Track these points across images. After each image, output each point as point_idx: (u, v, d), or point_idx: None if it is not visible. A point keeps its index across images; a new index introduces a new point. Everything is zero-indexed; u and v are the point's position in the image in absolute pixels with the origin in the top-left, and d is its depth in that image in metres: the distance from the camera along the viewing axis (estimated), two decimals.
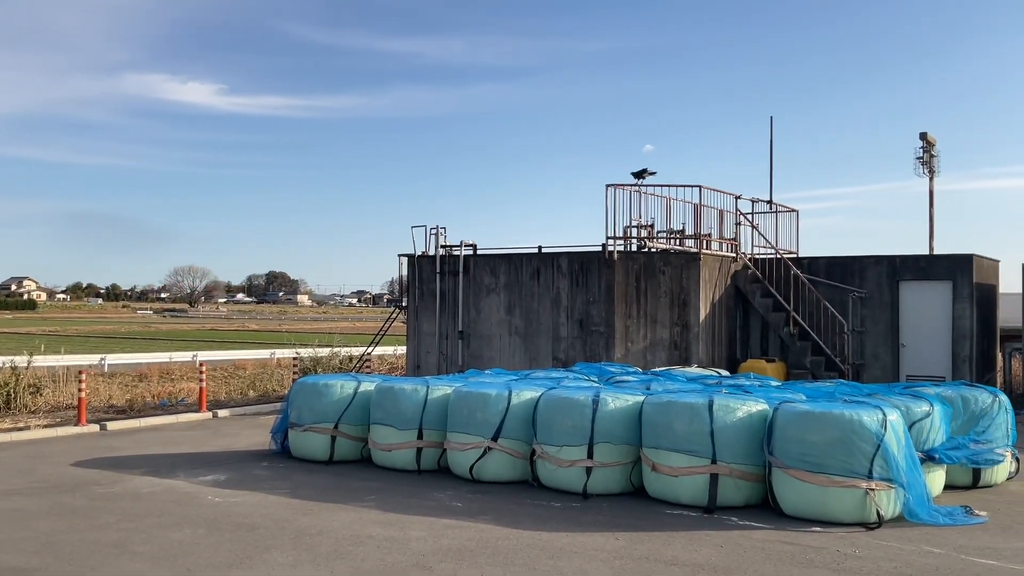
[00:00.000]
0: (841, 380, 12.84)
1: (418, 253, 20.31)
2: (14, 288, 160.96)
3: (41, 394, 16.93)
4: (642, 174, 18.26)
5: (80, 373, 15.25)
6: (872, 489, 8.24)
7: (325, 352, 22.83)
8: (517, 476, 10.17)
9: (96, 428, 14.39)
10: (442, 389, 10.99)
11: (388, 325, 21.92)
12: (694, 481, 8.93)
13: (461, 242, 19.81)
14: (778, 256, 18.78)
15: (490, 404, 10.26)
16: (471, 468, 10.20)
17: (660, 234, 18.10)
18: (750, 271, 18.59)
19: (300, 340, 31.31)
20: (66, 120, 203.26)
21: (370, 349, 22.42)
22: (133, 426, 14.87)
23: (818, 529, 8.14)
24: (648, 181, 18.40)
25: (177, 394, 19.26)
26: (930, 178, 29.39)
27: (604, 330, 17.75)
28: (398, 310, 21.32)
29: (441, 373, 18.89)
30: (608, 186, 17.29)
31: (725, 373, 14.02)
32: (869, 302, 17.99)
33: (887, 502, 8.31)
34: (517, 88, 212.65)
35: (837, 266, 18.43)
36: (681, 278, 17.23)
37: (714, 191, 18.34)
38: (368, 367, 21.71)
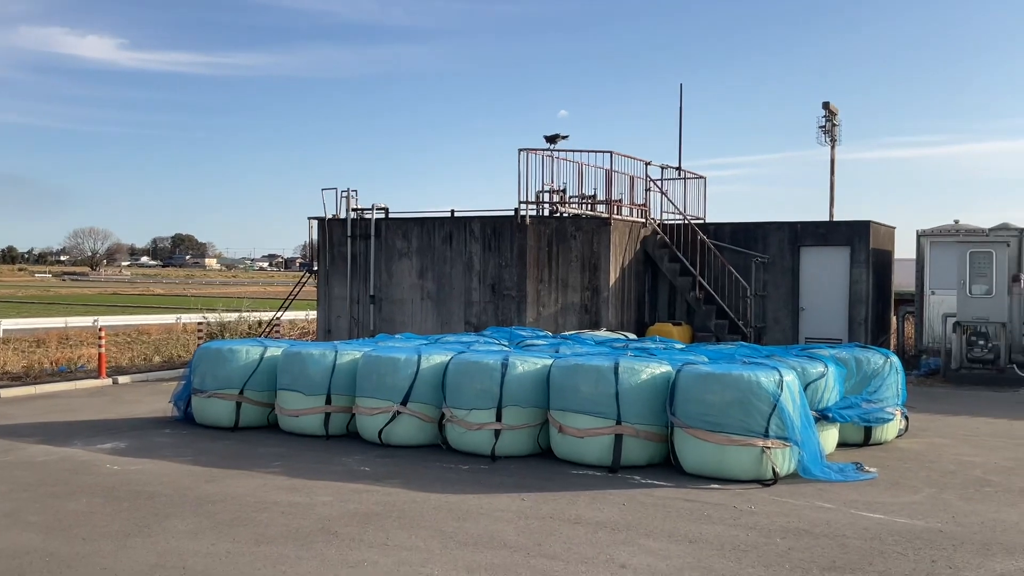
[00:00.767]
0: (742, 343, 13.21)
1: (329, 216, 20.01)
2: None
3: None
4: (555, 138, 18.31)
5: None
6: (768, 447, 8.53)
7: (233, 317, 22.39)
8: (426, 440, 10.18)
9: None
10: (351, 354, 10.89)
11: (298, 289, 21.58)
12: (599, 442, 9.09)
13: (373, 205, 19.59)
14: (686, 222, 19.14)
15: (399, 368, 10.22)
16: (380, 433, 10.17)
17: (572, 199, 18.21)
18: (659, 236, 18.90)
19: (207, 305, 30.57)
20: None
21: (279, 314, 22.06)
22: (28, 393, 14.33)
23: (717, 486, 8.39)
24: (561, 146, 18.46)
25: (77, 360, 18.61)
26: (832, 147, 30.29)
27: (516, 294, 17.84)
28: (308, 274, 21.01)
29: (352, 338, 18.73)
30: (521, 150, 17.30)
31: (633, 336, 14.27)
32: (771, 267, 18.51)
33: (782, 460, 8.61)
34: (430, 50, 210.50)
35: (741, 232, 18.89)
36: (592, 243, 17.40)
37: (625, 157, 18.55)
38: (277, 332, 21.36)
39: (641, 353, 10.36)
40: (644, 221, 18.90)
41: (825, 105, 30.39)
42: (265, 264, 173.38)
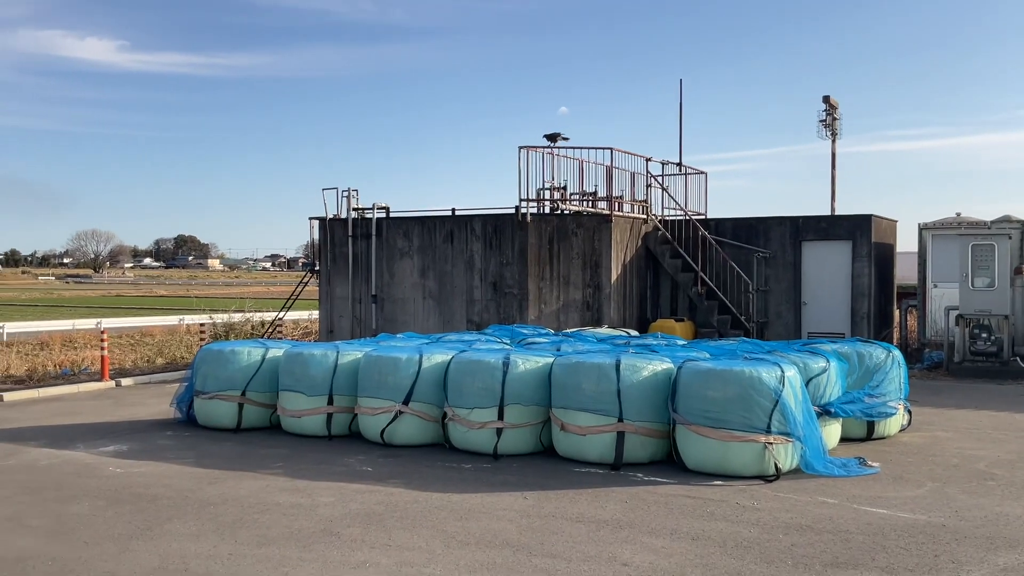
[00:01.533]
0: (744, 338, 13.20)
1: (330, 216, 20.01)
2: None
3: None
4: (555, 137, 18.30)
5: None
6: (771, 443, 8.51)
7: (238, 318, 22.49)
8: (429, 439, 10.18)
9: None
10: (352, 354, 10.89)
11: (300, 289, 21.59)
12: (601, 439, 9.08)
13: (374, 205, 19.59)
14: (687, 218, 19.11)
15: (401, 368, 10.22)
16: (382, 432, 10.16)
17: (573, 196, 18.19)
18: (660, 232, 18.88)
19: (210, 305, 30.60)
20: None
21: (281, 314, 22.07)
22: (31, 396, 14.35)
23: (719, 483, 8.38)
24: (561, 143, 18.45)
25: (80, 363, 18.65)
26: (832, 140, 30.25)
27: (518, 292, 17.83)
28: (310, 274, 21.01)
29: (355, 337, 18.73)
30: (521, 148, 17.29)
31: (635, 333, 14.25)
32: (773, 262, 18.49)
33: (785, 455, 8.60)
34: (429, 48, 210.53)
35: (743, 227, 18.86)
36: (593, 240, 17.38)
37: (626, 153, 18.53)
38: (280, 332, 21.38)
39: (643, 350, 10.35)
40: (645, 217, 18.88)
41: (825, 99, 30.35)
42: (268, 264, 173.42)
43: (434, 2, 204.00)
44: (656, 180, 19.62)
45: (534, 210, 17.80)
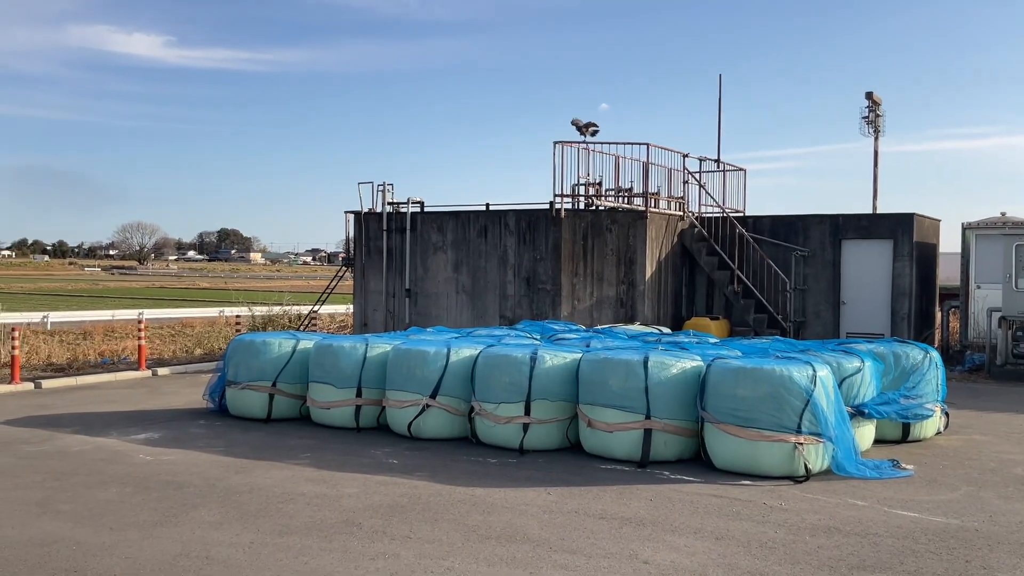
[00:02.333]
0: (779, 337, 13.00)
1: (365, 210, 20.09)
2: None
3: None
4: (586, 128, 18.15)
5: (14, 330, 14.89)
6: (801, 443, 8.36)
7: (277, 310, 22.76)
8: (456, 433, 10.16)
9: (31, 386, 14.10)
10: (381, 347, 10.91)
11: (335, 283, 21.71)
12: (628, 436, 8.99)
13: (408, 199, 19.62)
14: (724, 215, 18.88)
15: (429, 361, 10.21)
16: (409, 425, 10.17)
17: (608, 192, 18.07)
18: (696, 229, 18.68)
19: (248, 298, 30.94)
20: (8, 72, 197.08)
21: (316, 307, 22.22)
22: (69, 384, 14.59)
23: (747, 482, 8.26)
24: (597, 139, 18.31)
25: (120, 352, 18.94)
26: (875, 138, 29.72)
27: (551, 288, 17.76)
28: (345, 268, 21.12)
29: (388, 331, 18.79)
30: (556, 143, 17.18)
31: (666, 330, 14.12)
32: (812, 260, 18.21)
33: (815, 456, 8.44)
34: (470, 44, 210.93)
35: (781, 225, 18.59)
36: (628, 236, 17.25)
37: (662, 149, 18.34)
38: (315, 325, 21.53)
39: (672, 347, 10.23)
40: (681, 214, 18.69)
41: (868, 95, 29.80)
42: (309, 258, 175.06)
43: None
44: (693, 176, 19.42)
45: (568, 205, 17.70)
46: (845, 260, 18.05)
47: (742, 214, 19.90)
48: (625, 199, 18.08)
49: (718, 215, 19.06)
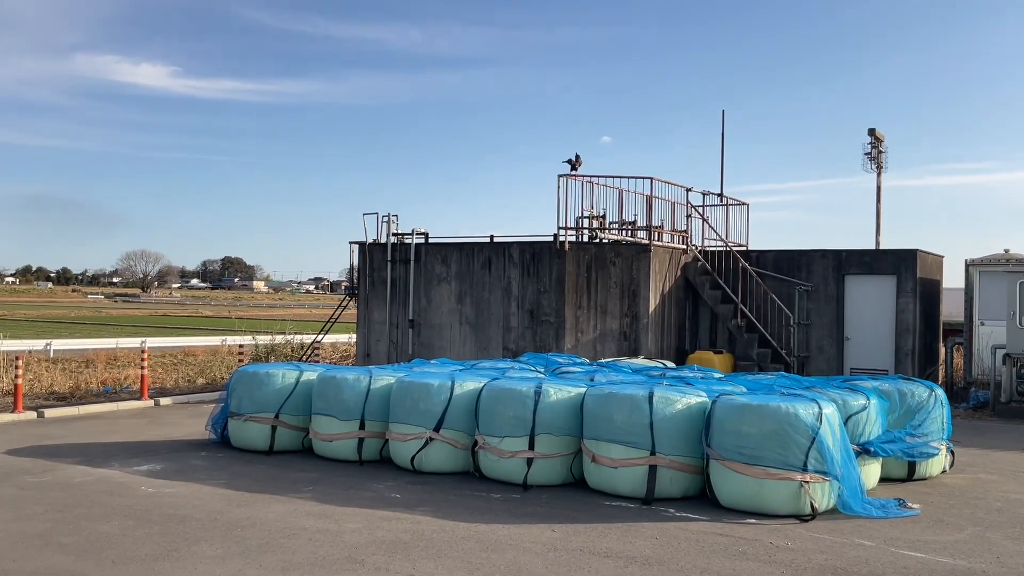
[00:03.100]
0: (783, 373, 12.96)
1: (369, 241, 20.15)
2: None
3: None
4: (575, 163, 18.27)
5: (17, 359, 14.88)
6: (807, 481, 8.32)
7: (280, 339, 22.76)
8: (459, 467, 10.12)
9: (33, 415, 14.08)
10: (385, 379, 10.89)
11: (339, 313, 21.72)
12: (633, 472, 8.94)
13: (413, 230, 19.69)
14: (727, 249, 18.92)
15: (432, 394, 10.19)
16: (413, 459, 10.12)
17: (612, 225, 18.12)
18: (700, 263, 18.71)
19: (251, 327, 30.95)
20: (15, 101, 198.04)
21: (320, 337, 22.21)
22: (71, 414, 14.56)
23: (753, 521, 8.20)
24: (601, 172, 18.41)
25: (122, 381, 18.92)
26: (878, 173, 29.81)
27: (555, 320, 17.76)
28: (349, 298, 21.14)
29: (391, 362, 18.77)
30: (560, 176, 17.30)
31: (671, 364, 14.08)
32: (815, 295, 18.20)
33: (821, 494, 8.39)
34: (475, 78, 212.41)
35: (784, 259, 18.61)
36: (632, 269, 17.27)
37: (666, 183, 18.42)
38: (317, 355, 21.51)
39: (677, 382, 10.20)
40: (685, 248, 18.73)
41: (871, 131, 29.96)
42: (312, 287, 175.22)
43: (479, 33, 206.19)
44: (696, 210, 19.48)
45: (572, 238, 17.76)
46: (848, 295, 18.04)
47: (745, 248, 19.93)
48: (629, 232, 18.14)
49: (721, 249, 19.10)
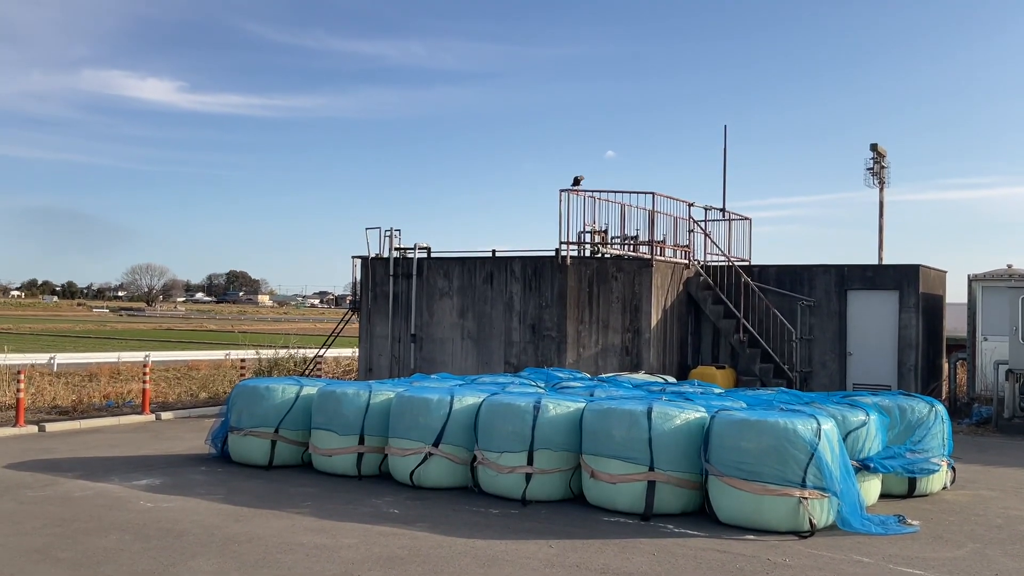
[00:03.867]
0: (783, 388, 12.94)
1: (372, 255, 20.19)
2: None
3: None
4: (578, 181, 18.33)
5: (19, 373, 14.92)
6: (805, 497, 8.29)
7: (283, 353, 22.78)
8: (458, 482, 10.11)
9: (35, 429, 14.10)
10: (384, 394, 10.90)
11: (341, 327, 21.73)
12: (632, 488, 8.93)
13: (415, 245, 19.73)
14: (730, 264, 18.92)
15: (432, 409, 10.19)
16: (412, 474, 10.12)
17: (614, 240, 18.15)
18: (702, 278, 18.71)
19: (255, 341, 30.99)
20: (22, 115, 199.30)
21: (322, 351, 22.23)
22: (73, 428, 14.58)
23: (752, 537, 8.17)
24: (603, 187, 18.45)
25: (125, 395, 18.93)
26: (880, 189, 29.83)
27: (556, 335, 17.76)
28: (351, 312, 21.16)
29: (393, 376, 18.77)
30: (562, 191, 17.33)
31: (671, 380, 14.07)
32: (817, 310, 18.19)
33: (820, 511, 8.37)
34: (478, 92, 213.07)
35: (787, 274, 18.61)
36: (633, 284, 17.28)
37: (668, 198, 18.46)
38: (319, 370, 21.52)
39: (676, 398, 10.19)
40: (687, 262, 18.74)
41: (873, 147, 29.98)
42: (316, 301, 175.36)
43: (483, 48, 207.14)
44: (699, 225, 19.50)
45: (574, 253, 17.78)
46: (851, 311, 18.02)
47: (748, 263, 19.94)
48: (631, 247, 18.16)
49: (723, 264, 19.11)
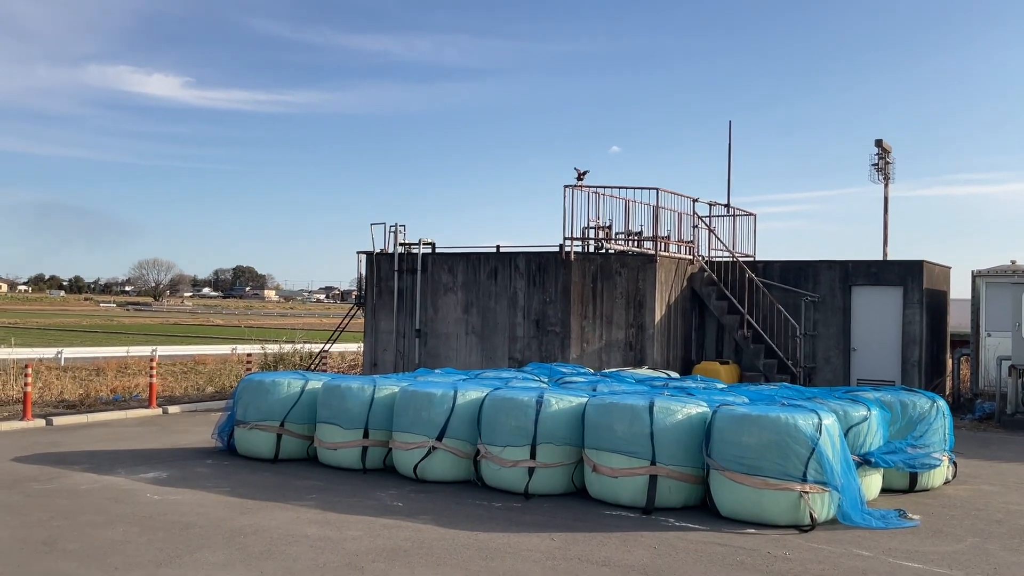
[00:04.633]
0: (786, 384, 12.98)
1: (377, 250, 20.26)
2: None
3: None
4: (582, 175, 18.34)
5: (27, 367, 15.02)
6: (806, 492, 8.35)
7: (288, 348, 22.91)
8: (461, 476, 10.18)
9: (42, 423, 14.21)
10: (389, 388, 10.98)
11: (346, 322, 21.82)
12: (633, 482, 8.99)
13: (420, 240, 19.80)
14: (734, 259, 18.95)
15: (435, 404, 10.26)
16: (415, 468, 10.20)
17: (618, 236, 18.18)
18: (706, 274, 18.75)
19: (261, 336, 31.12)
20: (29, 110, 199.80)
21: (327, 346, 22.33)
22: (80, 422, 14.69)
23: (752, 531, 8.23)
24: (607, 182, 18.51)
25: (132, 389, 19.04)
26: (885, 184, 29.78)
27: (560, 330, 17.82)
28: (356, 307, 21.25)
29: (397, 371, 18.86)
30: (567, 186, 17.36)
31: (674, 375, 14.11)
32: (822, 306, 18.21)
33: (821, 505, 8.42)
34: (482, 88, 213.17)
35: (791, 270, 18.63)
36: (637, 279, 17.33)
37: (672, 194, 18.47)
38: (324, 364, 21.62)
39: (679, 393, 10.25)
40: (691, 258, 18.77)
41: (878, 143, 29.93)
42: (322, 296, 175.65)
43: (487, 44, 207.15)
44: (703, 221, 19.54)
45: (578, 248, 17.82)
46: (855, 306, 18.04)
47: (752, 259, 19.96)
48: (635, 243, 18.20)
49: (728, 259, 19.13)
